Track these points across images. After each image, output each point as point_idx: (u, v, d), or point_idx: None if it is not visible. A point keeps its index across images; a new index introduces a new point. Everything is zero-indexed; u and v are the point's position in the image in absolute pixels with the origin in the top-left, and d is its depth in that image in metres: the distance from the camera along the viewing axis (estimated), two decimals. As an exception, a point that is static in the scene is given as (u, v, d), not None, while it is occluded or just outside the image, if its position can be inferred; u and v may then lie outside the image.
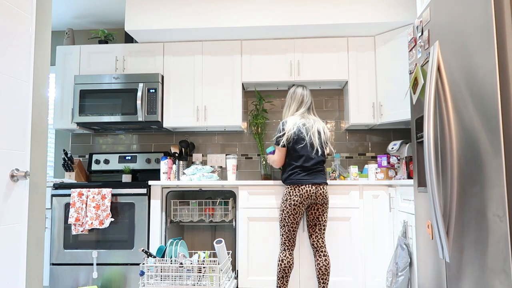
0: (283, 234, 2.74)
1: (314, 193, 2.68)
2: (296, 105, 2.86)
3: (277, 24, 3.28)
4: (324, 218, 2.77)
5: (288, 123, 2.78)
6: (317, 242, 2.78)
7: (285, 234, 2.73)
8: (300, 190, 2.68)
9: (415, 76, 1.99)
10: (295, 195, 2.68)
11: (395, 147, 3.23)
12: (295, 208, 2.68)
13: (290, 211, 2.69)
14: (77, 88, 3.51)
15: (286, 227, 2.72)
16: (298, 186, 2.69)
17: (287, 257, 2.71)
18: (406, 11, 3.19)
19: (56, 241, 3.15)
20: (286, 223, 2.72)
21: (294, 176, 2.72)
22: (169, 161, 3.30)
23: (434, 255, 1.82)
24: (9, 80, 1.53)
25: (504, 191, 1.27)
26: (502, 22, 1.31)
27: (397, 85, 3.26)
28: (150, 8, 3.37)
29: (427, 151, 1.65)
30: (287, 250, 2.72)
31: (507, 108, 1.28)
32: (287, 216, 2.70)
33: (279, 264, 2.71)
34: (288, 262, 2.69)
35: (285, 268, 2.69)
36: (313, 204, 2.74)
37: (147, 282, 2.67)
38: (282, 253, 2.73)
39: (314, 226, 2.78)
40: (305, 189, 2.68)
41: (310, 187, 2.68)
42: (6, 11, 1.51)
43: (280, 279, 2.70)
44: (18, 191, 1.57)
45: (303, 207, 2.70)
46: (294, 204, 2.68)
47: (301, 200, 2.67)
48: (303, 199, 2.68)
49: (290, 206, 2.69)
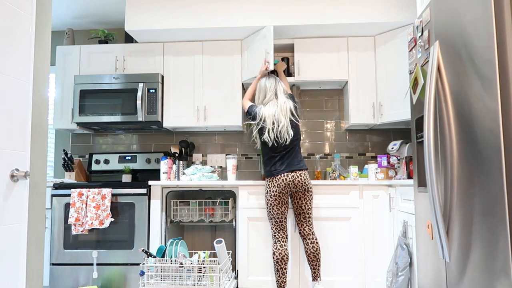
0: (272, 227, 2.79)
1: (291, 181, 2.72)
2: (262, 94, 2.87)
3: (277, 24, 3.28)
4: (307, 205, 2.80)
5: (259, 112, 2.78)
6: (303, 230, 2.81)
7: (273, 227, 2.78)
8: (277, 180, 2.72)
9: (415, 76, 1.99)
10: (273, 185, 2.73)
11: (395, 147, 3.23)
12: (276, 198, 2.73)
13: (273, 202, 2.74)
14: (77, 88, 3.51)
15: (273, 219, 2.77)
16: (274, 177, 2.74)
17: (278, 249, 2.73)
18: (406, 11, 3.19)
19: (56, 241, 3.15)
20: (272, 215, 2.77)
21: (270, 168, 2.77)
22: (169, 161, 3.30)
23: (434, 255, 1.82)
24: (9, 80, 1.53)
25: (504, 191, 1.27)
26: (502, 22, 1.31)
27: (397, 85, 3.26)
28: (150, 8, 3.37)
29: (427, 151, 1.65)
30: (278, 242, 2.75)
31: (507, 108, 1.28)
32: (271, 208, 2.76)
33: (273, 257, 2.75)
34: (280, 253, 2.72)
35: (278, 260, 2.71)
36: (294, 192, 2.78)
37: (147, 282, 2.67)
38: (273, 245, 2.77)
39: (299, 215, 2.83)
40: (281, 179, 2.72)
41: (286, 176, 2.72)
42: (6, 11, 1.51)
43: (276, 271, 2.73)
44: (18, 191, 1.57)
45: (284, 196, 2.74)
46: (274, 195, 2.73)
47: (280, 190, 2.72)
48: (281, 189, 2.72)
49: (271, 198, 2.75)
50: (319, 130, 3.82)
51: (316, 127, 3.82)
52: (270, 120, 2.75)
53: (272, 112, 2.77)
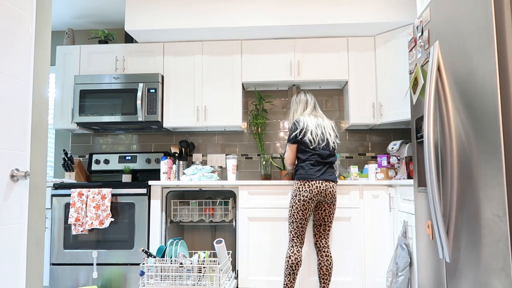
0: (292, 230, 2.71)
1: (324, 190, 2.67)
2: (302, 107, 2.90)
3: (277, 24, 3.28)
4: (330, 219, 2.77)
5: (301, 120, 2.80)
6: (320, 242, 2.78)
7: (293, 231, 2.70)
8: (310, 185, 2.65)
9: (415, 76, 1.99)
10: (304, 190, 2.66)
11: (395, 147, 3.23)
12: (305, 204, 2.66)
13: (300, 207, 2.66)
14: (77, 88, 3.51)
15: (295, 223, 2.69)
16: (308, 181, 2.66)
17: (294, 253, 2.67)
18: (406, 11, 3.19)
19: (56, 241, 3.15)
20: (295, 219, 2.69)
21: (305, 172, 2.69)
22: (169, 161, 3.30)
23: (434, 255, 1.82)
24: (9, 80, 1.53)
25: (504, 191, 1.27)
26: (502, 22, 1.31)
27: (397, 85, 3.26)
28: (150, 8, 3.37)
29: (427, 151, 1.65)
30: (295, 247, 2.69)
31: (507, 108, 1.28)
32: (296, 212, 2.68)
33: (287, 261, 2.68)
34: (295, 258, 2.67)
35: (292, 264, 2.66)
36: (321, 202, 2.73)
37: (147, 282, 2.67)
38: (290, 249, 2.70)
39: (319, 226, 2.78)
40: (315, 185, 2.66)
41: (320, 183, 2.67)
42: (6, 11, 1.51)
43: (287, 276, 2.68)
44: (18, 191, 1.57)
45: (312, 203, 2.68)
46: (304, 200, 2.65)
47: (311, 196, 2.65)
48: (312, 195, 2.65)
49: (299, 202, 2.66)
50: (319, 130, 3.81)
51: (316, 127, 3.82)
52: (313, 124, 2.76)
53: (314, 120, 2.80)
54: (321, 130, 2.77)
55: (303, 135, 2.73)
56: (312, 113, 2.87)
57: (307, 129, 2.74)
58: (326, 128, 2.80)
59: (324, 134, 2.77)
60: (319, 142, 2.73)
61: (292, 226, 2.71)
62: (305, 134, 2.73)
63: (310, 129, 2.74)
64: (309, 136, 2.72)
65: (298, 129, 2.76)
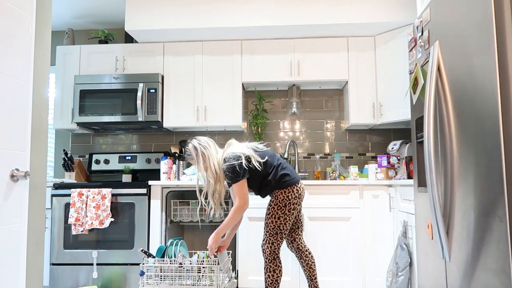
0: (274, 242, 2.41)
1: (303, 191, 2.50)
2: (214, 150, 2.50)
3: (277, 24, 3.28)
4: (303, 217, 2.68)
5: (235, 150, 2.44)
6: (300, 243, 2.61)
7: (276, 243, 2.42)
8: (298, 189, 2.42)
9: (415, 76, 1.99)
10: (294, 197, 2.41)
11: (395, 147, 3.23)
12: (294, 212, 2.43)
13: (289, 216, 2.41)
14: (77, 88, 3.51)
15: (279, 235, 2.41)
16: (296, 185, 2.42)
17: (278, 266, 2.44)
18: (406, 11, 3.19)
19: (56, 241, 3.14)
20: (280, 230, 2.40)
21: (288, 177, 2.42)
22: (169, 161, 3.30)
23: (434, 255, 1.82)
24: (9, 80, 1.53)
25: (504, 191, 1.27)
26: (502, 22, 1.31)
27: (397, 85, 3.26)
28: (150, 8, 3.37)
29: (427, 151, 1.65)
30: (277, 259, 2.44)
31: (507, 108, 1.28)
32: (283, 223, 2.40)
33: (271, 276, 2.43)
34: (280, 271, 2.45)
35: (277, 278, 2.44)
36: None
37: (147, 282, 2.67)
38: (272, 263, 2.43)
39: (297, 228, 2.60)
40: (302, 188, 2.45)
41: (301, 185, 2.47)
42: (6, 11, 1.51)
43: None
44: (18, 191, 1.57)
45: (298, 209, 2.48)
46: (294, 208, 2.42)
47: (299, 201, 2.44)
48: (300, 200, 2.45)
49: (289, 212, 2.40)
50: (319, 130, 3.82)
51: (316, 127, 3.82)
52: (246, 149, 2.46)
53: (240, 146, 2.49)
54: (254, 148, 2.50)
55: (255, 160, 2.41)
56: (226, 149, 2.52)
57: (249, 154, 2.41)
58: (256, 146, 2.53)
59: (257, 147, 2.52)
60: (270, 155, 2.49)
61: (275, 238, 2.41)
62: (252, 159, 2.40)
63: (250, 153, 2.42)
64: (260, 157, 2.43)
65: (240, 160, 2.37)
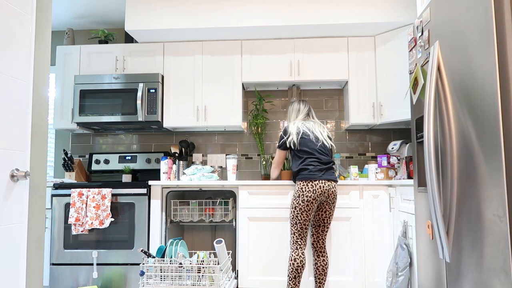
0: (295, 232, 2.67)
1: (326, 190, 2.66)
2: (295, 114, 2.95)
3: (277, 24, 3.28)
4: (330, 220, 2.77)
5: (290, 126, 2.86)
6: (317, 243, 2.77)
7: (297, 233, 2.67)
8: (313, 185, 2.64)
9: (415, 76, 1.99)
10: (308, 190, 2.63)
11: (395, 147, 3.23)
12: (308, 204, 2.63)
13: (304, 207, 2.63)
14: (77, 88, 3.51)
15: (298, 225, 2.66)
16: (311, 181, 2.65)
17: (300, 256, 2.64)
18: (406, 11, 3.19)
19: (56, 241, 3.15)
20: (298, 220, 2.66)
21: (307, 172, 2.68)
22: (169, 161, 3.30)
23: (434, 255, 1.82)
24: (9, 80, 1.53)
25: (504, 191, 1.27)
26: (502, 22, 1.31)
27: (397, 85, 3.26)
28: (150, 8, 3.37)
29: (427, 151, 1.65)
30: (299, 249, 2.66)
31: (507, 108, 1.28)
32: (300, 213, 2.64)
33: (292, 263, 2.64)
34: (301, 261, 2.64)
35: (298, 267, 2.63)
36: (323, 203, 2.72)
37: (147, 282, 2.67)
38: (294, 252, 2.66)
39: (318, 226, 2.77)
40: (318, 185, 2.64)
41: (323, 183, 2.66)
42: (6, 11, 1.51)
43: (292, 279, 2.64)
44: (18, 191, 1.57)
45: (315, 203, 2.66)
46: (308, 200, 2.63)
47: (315, 196, 2.63)
48: (316, 195, 2.63)
49: (303, 203, 2.63)
50: (319, 130, 3.82)
51: (316, 127, 3.82)
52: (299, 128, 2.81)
53: (303, 124, 2.85)
54: (313, 131, 2.80)
55: (299, 141, 2.77)
56: (304, 119, 2.91)
57: (298, 134, 2.78)
58: (317, 129, 2.82)
59: (314, 133, 2.79)
60: (314, 143, 2.75)
61: (296, 227, 2.67)
62: (297, 140, 2.77)
63: (302, 133, 2.78)
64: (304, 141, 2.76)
65: (287, 135, 2.82)
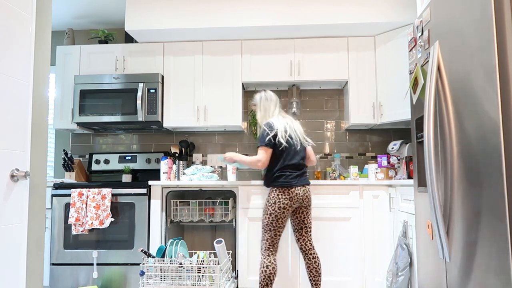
0: (268, 239, 2.59)
1: (302, 196, 2.63)
2: (273, 107, 2.80)
3: (277, 24, 3.28)
4: (310, 220, 2.73)
5: (275, 121, 2.70)
6: (305, 246, 2.71)
7: (270, 239, 2.59)
8: (290, 193, 2.58)
9: (415, 76, 1.99)
10: (284, 198, 2.58)
11: (395, 147, 3.23)
12: (284, 211, 2.58)
13: (279, 214, 2.57)
14: (77, 88, 3.51)
15: (272, 231, 2.59)
16: (288, 189, 2.59)
17: (272, 262, 2.56)
18: (406, 11, 3.19)
19: (56, 241, 3.15)
20: (273, 227, 2.58)
21: (284, 179, 2.61)
22: (169, 161, 3.30)
23: (434, 255, 1.82)
24: (9, 80, 1.53)
25: (504, 191, 1.27)
26: (502, 22, 1.31)
27: (397, 85, 3.26)
28: (150, 8, 3.37)
29: (427, 151, 1.65)
30: (271, 256, 2.58)
31: (507, 108, 1.28)
32: (275, 220, 2.58)
33: (264, 271, 2.54)
34: (273, 268, 2.55)
35: (270, 274, 2.54)
36: (299, 207, 2.68)
37: (147, 282, 2.67)
38: (266, 259, 2.57)
39: (300, 229, 2.72)
40: (295, 192, 2.60)
41: (299, 189, 2.61)
42: (6, 11, 1.51)
43: (264, 287, 2.54)
44: (18, 191, 1.57)
45: (291, 209, 2.61)
46: (284, 207, 2.57)
47: (291, 203, 2.59)
48: (292, 202, 2.59)
49: (279, 210, 2.57)
50: (319, 130, 3.82)
51: (316, 127, 3.82)
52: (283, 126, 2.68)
53: (283, 121, 2.71)
54: (294, 133, 2.71)
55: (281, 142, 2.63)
56: (280, 113, 2.80)
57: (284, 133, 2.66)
58: (297, 129, 2.74)
59: (296, 132, 2.72)
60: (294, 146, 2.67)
61: (270, 234, 2.59)
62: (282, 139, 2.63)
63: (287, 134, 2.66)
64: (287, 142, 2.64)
65: (273, 132, 2.64)
